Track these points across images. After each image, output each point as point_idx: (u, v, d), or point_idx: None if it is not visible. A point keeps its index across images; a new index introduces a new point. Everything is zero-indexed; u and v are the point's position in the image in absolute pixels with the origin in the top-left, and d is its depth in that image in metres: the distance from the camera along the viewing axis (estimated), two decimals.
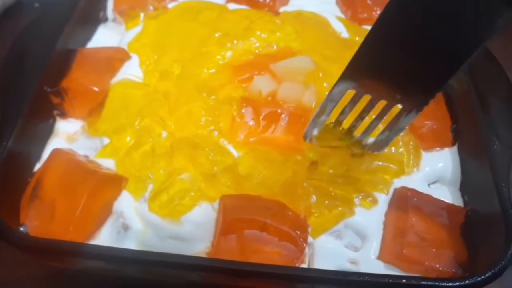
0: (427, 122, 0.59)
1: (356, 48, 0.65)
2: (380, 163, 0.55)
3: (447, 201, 0.55)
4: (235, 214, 0.49)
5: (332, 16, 0.72)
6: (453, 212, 0.53)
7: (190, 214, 0.51)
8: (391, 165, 0.55)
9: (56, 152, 0.55)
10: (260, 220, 0.48)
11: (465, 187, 0.57)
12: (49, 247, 0.46)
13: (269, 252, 0.47)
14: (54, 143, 0.59)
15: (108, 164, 0.55)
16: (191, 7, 0.71)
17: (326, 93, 0.50)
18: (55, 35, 0.62)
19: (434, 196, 0.55)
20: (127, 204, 0.52)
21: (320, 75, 0.62)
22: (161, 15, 0.70)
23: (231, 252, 0.47)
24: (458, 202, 0.56)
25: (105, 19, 0.74)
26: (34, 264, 0.57)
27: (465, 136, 0.59)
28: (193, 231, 0.50)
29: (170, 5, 0.72)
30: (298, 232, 0.48)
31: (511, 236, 0.46)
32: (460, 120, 0.61)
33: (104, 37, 0.71)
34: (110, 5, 0.74)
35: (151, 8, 0.71)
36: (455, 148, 0.60)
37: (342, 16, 0.74)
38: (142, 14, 0.71)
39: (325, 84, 0.62)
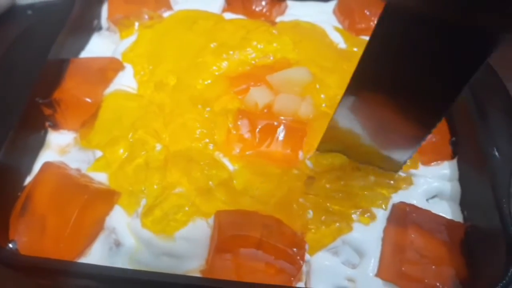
0: None
1: (354, 59, 0.65)
2: (379, 178, 0.54)
3: (447, 216, 0.54)
4: (231, 231, 0.48)
5: (329, 26, 0.71)
6: (453, 228, 0.52)
7: (184, 230, 0.49)
8: (387, 180, 0.54)
9: (47, 165, 0.53)
10: (256, 237, 0.47)
11: (465, 202, 0.55)
12: (38, 266, 0.45)
13: (265, 271, 0.46)
14: (46, 155, 0.58)
15: (101, 178, 0.54)
16: (186, 16, 0.70)
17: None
18: (48, 44, 0.61)
19: (433, 211, 0.53)
20: (119, 220, 0.51)
21: (317, 86, 0.61)
22: (156, 24, 0.68)
23: (226, 271, 0.45)
24: (458, 217, 0.55)
25: (99, 28, 0.72)
26: (24, 280, 0.55)
27: (465, 149, 0.58)
28: (187, 248, 0.49)
29: (166, 14, 0.71)
30: (295, 249, 0.47)
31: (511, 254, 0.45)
32: (459, 133, 0.60)
33: (98, 46, 0.69)
34: (104, 13, 0.72)
35: (146, 17, 0.70)
36: (454, 161, 0.59)
37: (339, 26, 0.74)
38: (136, 23, 0.69)
39: (322, 96, 0.61)
